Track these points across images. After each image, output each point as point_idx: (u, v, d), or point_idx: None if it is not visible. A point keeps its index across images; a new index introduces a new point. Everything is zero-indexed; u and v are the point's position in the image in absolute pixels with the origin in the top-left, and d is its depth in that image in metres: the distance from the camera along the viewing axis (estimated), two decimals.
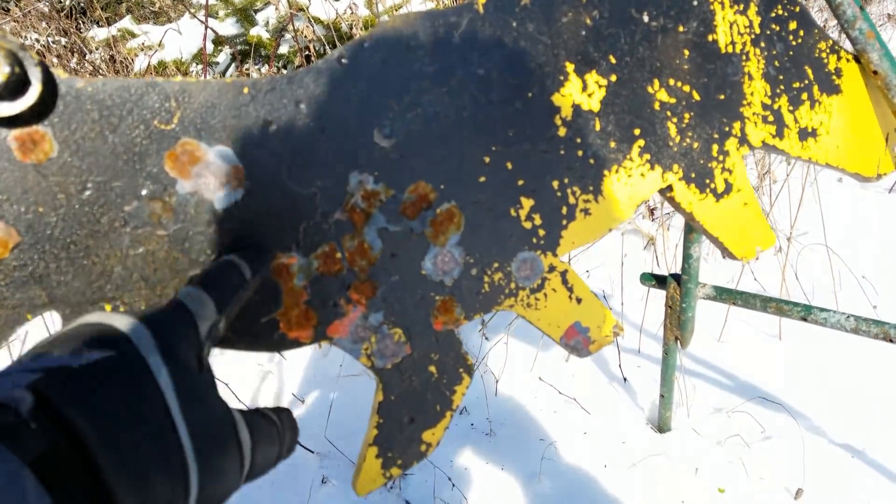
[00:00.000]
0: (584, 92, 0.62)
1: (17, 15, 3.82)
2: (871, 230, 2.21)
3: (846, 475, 1.30)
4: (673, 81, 0.66)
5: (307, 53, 2.56)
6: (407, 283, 0.58)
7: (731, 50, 0.69)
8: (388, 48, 0.54)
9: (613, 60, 0.63)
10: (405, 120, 0.56)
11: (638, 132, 0.65)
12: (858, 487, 1.27)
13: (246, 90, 0.50)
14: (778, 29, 0.72)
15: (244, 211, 0.51)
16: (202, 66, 2.60)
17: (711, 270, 2.13)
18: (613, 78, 0.64)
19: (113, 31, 2.97)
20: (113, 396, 0.31)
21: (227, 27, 2.67)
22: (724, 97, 0.69)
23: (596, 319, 0.68)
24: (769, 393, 1.54)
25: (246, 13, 2.70)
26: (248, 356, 1.94)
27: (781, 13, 0.72)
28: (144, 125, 0.47)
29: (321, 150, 0.53)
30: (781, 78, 0.73)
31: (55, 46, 3.48)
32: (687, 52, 0.67)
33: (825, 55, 0.76)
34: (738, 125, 0.71)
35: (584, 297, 0.67)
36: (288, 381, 1.79)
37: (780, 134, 0.74)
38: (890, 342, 0.93)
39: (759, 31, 0.71)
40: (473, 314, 0.62)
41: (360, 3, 2.57)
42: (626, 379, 1.67)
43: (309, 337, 0.55)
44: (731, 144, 0.70)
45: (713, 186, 0.70)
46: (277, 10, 2.62)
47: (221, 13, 2.72)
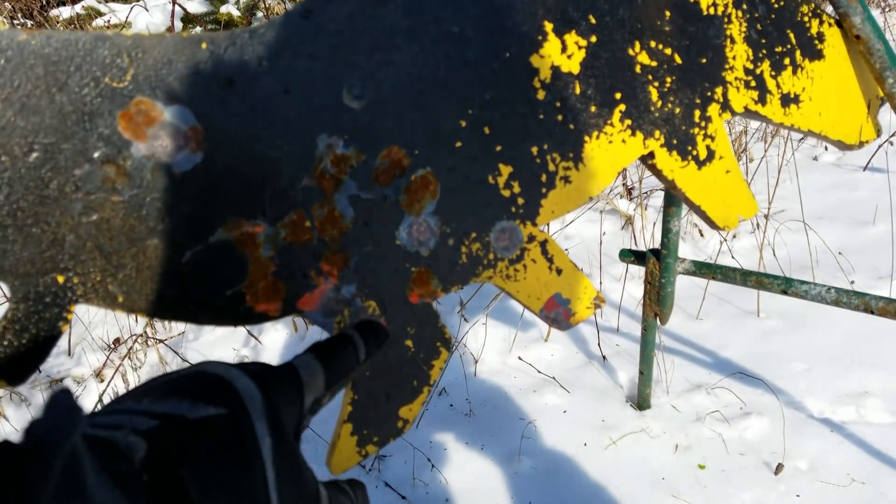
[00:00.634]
0: (563, 53, 0.60)
1: None
2: (847, 207, 2.22)
3: (825, 450, 1.31)
4: (654, 43, 0.64)
5: None
6: (381, 253, 0.56)
7: (712, 11, 0.67)
8: (356, 2, 0.51)
9: (593, 20, 0.61)
10: (376, 80, 0.53)
11: (619, 96, 0.63)
12: (837, 462, 1.27)
13: (204, 45, 0.47)
14: None
15: (204, 175, 0.47)
16: None
17: (691, 250, 2.13)
18: (593, 39, 0.61)
19: (78, 9, 2.88)
20: (221, 461, 0.32)
21: (195, 4, 2.61)
22: (705, 61, 0.67)
23: (577, 291, 0.66)
24: (748, 368, 1.55)
25: None
26: (223, 341, 1.91)
27: None
28: (95, 82, 0.44)
29: (285, 110, 0.50)
30: (764, 42, 0.71)
31: (19, 28, 3.38)
32: (668, 12, 0.65)
33: (807, 19, 0.74)
34: (720, 90, 0.69)
35: (564, 268, 0.65)
36: None
37: (762, 100, 0.72)
38: (871, 313, 0.93)
39: None
40: (451, 286, 0.60)
41: None
42: (605, 358, 1.67)
43: (277, 310, 0.53)
44: (713, 110, 0.69)
45: (695, 153, 0.68)
46: None
47: None
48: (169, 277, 0.47)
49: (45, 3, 4.21)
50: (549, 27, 0.59)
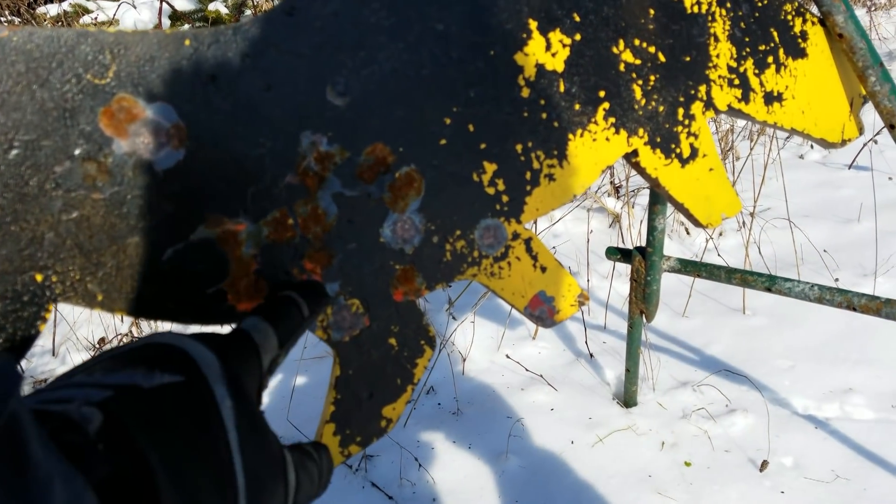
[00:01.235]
0: (547, 51, 0.60)
1: None
2: (832, 205, 2.24)
3: (810, 446, 1.32)
4: (638, 42, 0.64)
5: None
6: (365, 251, 0.56)
7: (696, 10, 0.67)
8: None
9: (577, 18, 0.61)
10: (360, 77, 0.53)
11: (603, 94, 0.63)
12: (822, 458, 1.28)
13: (188, 42, 0.47)
14: None
15: (186, 173, 0.47)
16: None
17: (677, 248, 2.14)
18: (578, 37, 0.61)
19: (65, 6, 2.86)
20: (180, 425, 0.32)
21: (183, 2, 2.59)
22: (689, 59, 0.68)
23: (561, 288, 0.66)
24: (733, 366, 1.55)
25: None
26: None
27: None
28: (76, 79, 0.44)
29: (269, 107, 0.49)
30: (747, 40, 0.72)
31: (2, 24, 3.35)
32: (652, 11, 0.65)
33: (791, 17, 0.75)
34: (703, 88, 0.69)
35: (548, 265, 0.65)
36: None
37: (745, 98, 0.72)
38: (853, 310, 0.93)
39: None
40: (435, 284, 0.60)
41: None
42: (592, 355, 1.67)
43: None
44: (696, 108, 0.69)
45: (679, 151, 0.69)
46: None
47: None
48: (149, 276, 0.47)
49: (32, 0, 4.17)
50: (533, 25, 0.59)
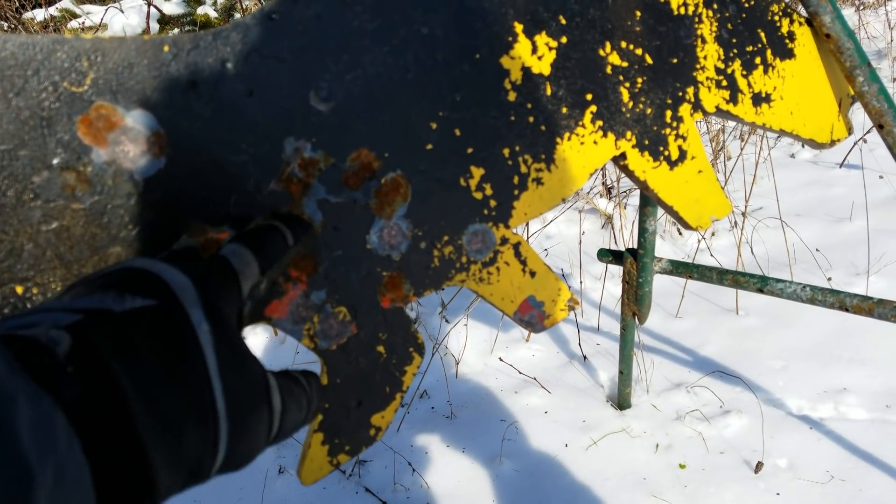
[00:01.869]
0: (534, 54, 0.60)
1: None
2: (824, 204, 2.24)
3: (805, 447, 1.31)
4: (625, 44, 0.64)
5: None
6: (351, 258, 0.55)
7: (683, 11, 0.67)
8: (323, 2, 0.51)
9: (564, 21, 0.61)
10: (344, 81, 0.52)
11: (590, 97, 0.63)
12: (817, 459, 1.28)
13: (167, 48, 0.46)
14: None
15: (168, 181, 0.47)
16: None
17: (669, 249, 2.14)
18: (564, 40, 0.61)
19: (53, 11, 2.85)
20: (153, 348, 0.31)
21: (172, 6, 2.58)
22: (676, 61, 0.67)
23: (550, 293, 0.65)
24: (727, 367, 1.55)
25: None
26: None
27: None
28: (53, 87, 0.43)
29: (251, 113, 0.49)
30: (734, 41, 0.71)
31: None
32: (639, 12, 0.64)
33: (778, 18, 0.74)
34: (691, 90, 0.69)
35: (537, 270, 0.64)
36: None
37: (733, 99, 0.72)
38: (846, 311, 0.93)
39: None
40: (423, 290, 0.59)
41: None
42: (585, 357, 1.67)
43: None
44: (684, 110, 0.69)
45: (667, 154, 0.68)
46: None
47: None
48: None
49: (20, 5, 4.15)
50: (519, 28, 0.59)
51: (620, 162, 0.67)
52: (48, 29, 2.96)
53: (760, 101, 0.74)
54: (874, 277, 1.78)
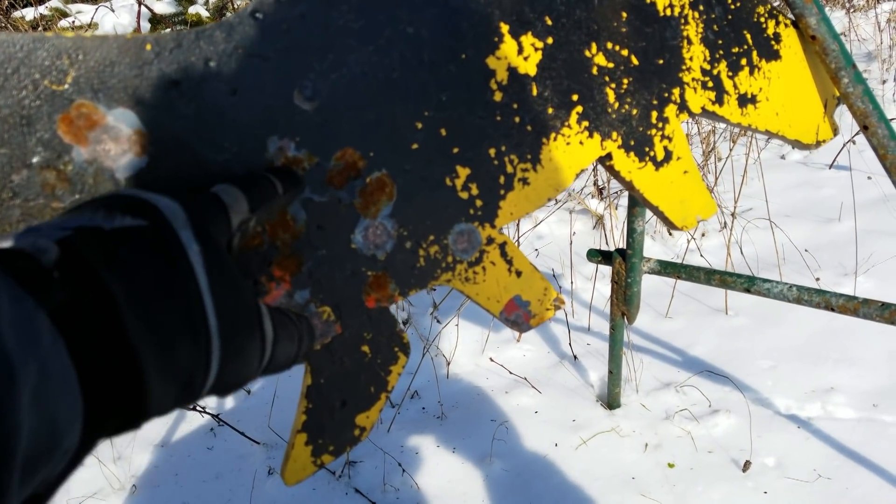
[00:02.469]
0: (520, 55, 0.60)
1: None
2: (813, 205, 2.26)
3: (792, 446, 1.32)
4: (611, 45, 0.64)
5: None
6: (335, 257, 0.55)
7: (669, 13, 0.67)
8: (307, 2, 0.51)
9: (549, 22, 0.61)
10: (329, 80, 0.52)
11: (576, 98, 0.63)
12: (804, 458, 1.29)
13: (149, 46, 0.46)
14: None
15: (149, 180, 0.46)
16: None
17: (660, 249, 2.15)
18: (550, 40, 0.61)
19: (42, 10, 2.83)
20: (143, 261, 0.31)
21: (163, 5, 2.57)
22: (662, 62, 0.68)
23: (536, 293, 0.66)
24: (716, 366, 1.56)
25: None
26: None
27: None
28: (33, 85, 0.43)
29: (234, 112, 0.49)
30: (720, 42, 0.72)
31: None
32: (625, 14, 0.65)
33: (764, 19, 0.75)
34: (677, 91, 0.69)
35: (523, 269, 0.64)
36: None
37: (719, 100, 0.72)
38: (831, 310, 0.94)
39: None
40: (409, 290, 0.59)
41: None
42: (576, 357, 1.67)
43: None
44: (670, 111, 0.69)
45: (653, 154, 0.69)
46: None
47: None
48: None
49: (10, 4, 4.13)
50: (505, 28, 0.59)
51: (606, 162, 0.67)
52: (38, 28, 2.94)
53: (746, 102, 0.75)
54: (862, 278, 1.79)
